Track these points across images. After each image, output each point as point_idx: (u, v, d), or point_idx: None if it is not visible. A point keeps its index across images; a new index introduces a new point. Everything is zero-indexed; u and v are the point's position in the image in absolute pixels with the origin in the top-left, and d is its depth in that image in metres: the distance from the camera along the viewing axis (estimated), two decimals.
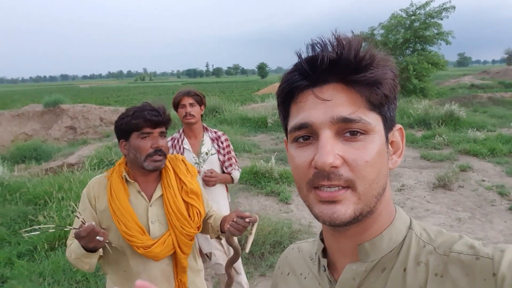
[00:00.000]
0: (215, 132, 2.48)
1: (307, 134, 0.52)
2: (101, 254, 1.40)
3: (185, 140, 2.40)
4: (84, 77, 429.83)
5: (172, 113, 2.29)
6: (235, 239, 1.51)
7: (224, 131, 2.80)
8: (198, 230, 1.56)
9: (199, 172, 2.21)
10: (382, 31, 17.77)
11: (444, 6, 16.02)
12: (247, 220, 1.40)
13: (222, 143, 2.42)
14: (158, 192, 1.51)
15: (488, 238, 3.82)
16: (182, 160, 1.64)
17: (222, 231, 1.55)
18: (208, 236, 2.30)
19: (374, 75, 0.49)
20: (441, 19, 16.18)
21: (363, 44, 0.50)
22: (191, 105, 2.32)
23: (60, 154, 8.68)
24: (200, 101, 2.37)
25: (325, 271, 0.61)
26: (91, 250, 1.30)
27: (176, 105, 2.37)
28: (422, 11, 16.48)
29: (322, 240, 0.64)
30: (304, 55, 0.53)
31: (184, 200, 1.53)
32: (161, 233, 1.47)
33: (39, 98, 24.50)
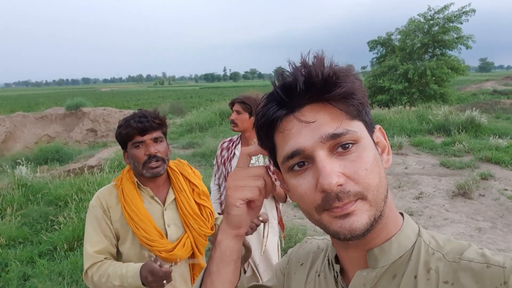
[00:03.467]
0: None
1: (302, 160, 0.52)
2: None
3: (239, 146, 2.31)
4: (105, 81, 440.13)
5: None
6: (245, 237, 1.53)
7: None
8: (212, 230, 1.58)
9: None
10: (399, 36, 17.56)
11: (464, 10, 15.71)
12: (260, 218, 1.39)
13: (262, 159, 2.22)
14: (171, 196, 1.53)
15: (511, 249, 3.70)
16: (187, 165, 1.67)
17: None
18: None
19: (345, 88, 0.51)
20: (461, 23, 15.87)
21: (326, 61, 0.51)
22: (237, 112, 2.22)
23: (81, 156, 8.91)
24: (250, 109, 2.22)
25: (337, 277, 0.61)
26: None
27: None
28: (441, 16, 16.20)
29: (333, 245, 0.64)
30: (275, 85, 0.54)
31: (196, 202, 1.56)
32: (177, 236, 1.49)
33: (62, 101, 25.25)
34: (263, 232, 1.40)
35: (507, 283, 0.44)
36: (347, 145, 0.50)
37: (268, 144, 0.58)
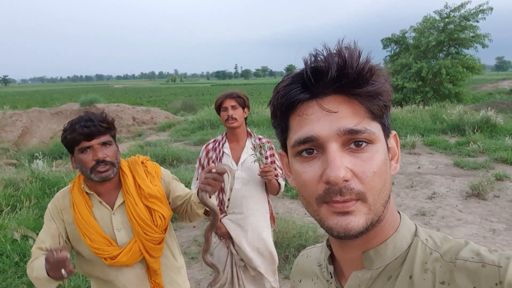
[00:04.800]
0: (260, 139, 2.30)
1: (311, 148, 0.51)
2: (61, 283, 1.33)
3: (226, 144, 2.28)
4: (118, 77, 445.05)
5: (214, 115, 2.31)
6: (212, 200, 1.43)
7: None
8: (164, 232, 1.52)
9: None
10: (413, 34, 17.30)
11: (481, 8, 15.38)
12: (213, 170, 1.33)
13: (266, 151, 2.25)
14: (120, 200, 1.48)
15: None
16: (142, 162, 1.59)
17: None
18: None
19: (376, 87, 0.50)
20: (477, 22, 15.55)
21: (362, 55, 0.50)
22: (233, 107, 2.19)
23: None
24: (243, 104, 2.24)
25: (332, 278, 0.62)
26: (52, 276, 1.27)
27: (218, 108, 2.25)
28: (457, 14, 15.90)
29: (329, 246, 0.64)
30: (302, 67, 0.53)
31: (145, 205, 1.48)
32: (128, 240, 1.46)
33: (76, 97, 25.68)
34: (227, 185, 1.31)
35: (503, 283, 0.44)
36: (361, 143, 0.49)
37: (281, 124, 0.57)
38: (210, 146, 2.33)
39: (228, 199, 1.29)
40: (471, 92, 18.34)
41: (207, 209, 1.49)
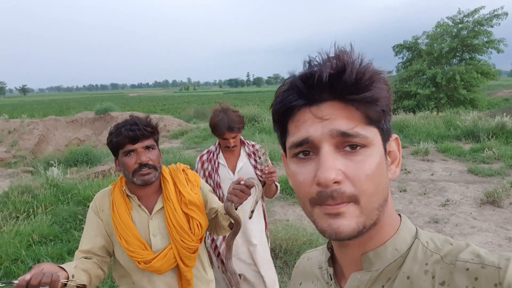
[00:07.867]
0: (253, 146, 2.33)
1: (307, 149, 0.52)
2: None
3: (220, 155, 2.30)
4: (133, 86, 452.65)
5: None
6: (236, 209, 1.45)
7: (262, 140, 2.63)
8: (200, 242, 1.52)
9: (261, 170, 2.15)
10: (426, 40, 17.12)
11: (495, 13, 15.16)
12: (242, 182, 1.36)
13: (259, 158, 2.29)
14: (159, 205, 1.49)
15: None
16: (183, 170, 1.61)
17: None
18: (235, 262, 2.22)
19: (373, 94, 0.49)
20: (492, 27, 15.32)
21: (363, 61, 0.49)
22: (234, 137, 2.18)
23: (109, 159, 9.19)
24: (242, 129, 2.21)
25: (331, 280, 0.62)
26: None
27: (217, 134, 2.18)
28: (470, 19, 15.70)
29: (329, 249, 0.65)
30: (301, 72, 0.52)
31: (184, 212, 1.49)
32: (163, 246, 1.45)
33: (91, 106, 26.19)
34: (253, 197, 1.33)
35: (502, 284, 0.44)
36: (356, 146, 0.49)
37: (280, 127, 0.57)
38: (205, 157, 2.33)
39: (252, 211, 1.36)
40: (486, 98, 18.03)
41: (232, 221, 1.52)
